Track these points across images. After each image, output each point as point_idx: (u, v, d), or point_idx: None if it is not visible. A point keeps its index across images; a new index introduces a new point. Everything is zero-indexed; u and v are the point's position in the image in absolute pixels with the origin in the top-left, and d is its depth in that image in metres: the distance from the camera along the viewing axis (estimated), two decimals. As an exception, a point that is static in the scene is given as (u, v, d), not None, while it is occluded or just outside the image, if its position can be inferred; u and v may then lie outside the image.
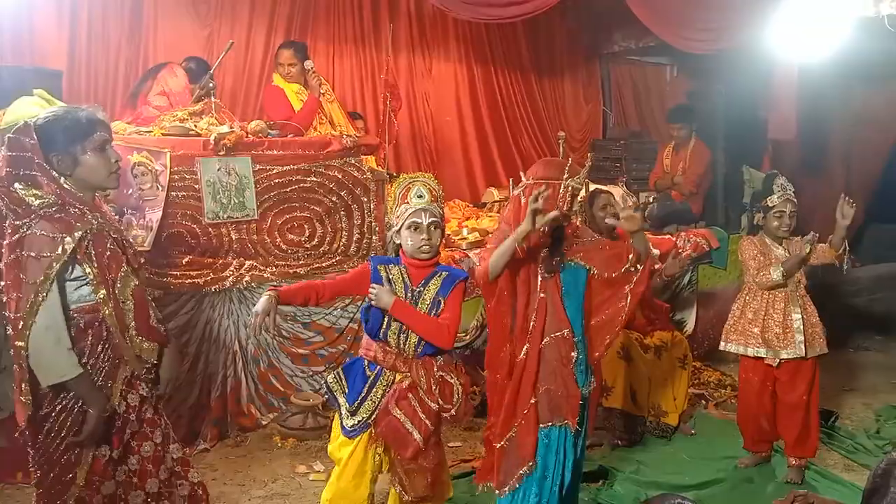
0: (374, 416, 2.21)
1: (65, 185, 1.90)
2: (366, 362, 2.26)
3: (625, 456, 3.40)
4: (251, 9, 4.80)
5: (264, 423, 3.65)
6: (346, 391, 2.25)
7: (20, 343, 1.85)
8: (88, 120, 1.93)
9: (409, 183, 2.28)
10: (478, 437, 3.58)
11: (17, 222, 1.85)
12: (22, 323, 1.82)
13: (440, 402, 2.22)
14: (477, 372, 3.98)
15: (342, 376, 2.28)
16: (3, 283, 1.89)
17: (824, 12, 4.37)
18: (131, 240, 2.16)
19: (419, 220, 2.21)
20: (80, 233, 1.85)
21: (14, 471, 3.05)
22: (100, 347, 1.94)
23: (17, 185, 1.86)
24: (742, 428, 3.37)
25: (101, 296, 1.90)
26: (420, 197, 2.24)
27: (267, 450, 3.49)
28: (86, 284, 1.90)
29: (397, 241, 2.27)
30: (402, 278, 2.24)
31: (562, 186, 2.23)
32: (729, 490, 3.11)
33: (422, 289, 2.23)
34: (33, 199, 1.85)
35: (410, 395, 2.20)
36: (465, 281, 2.29)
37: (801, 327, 3.09)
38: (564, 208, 2.24)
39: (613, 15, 5.57)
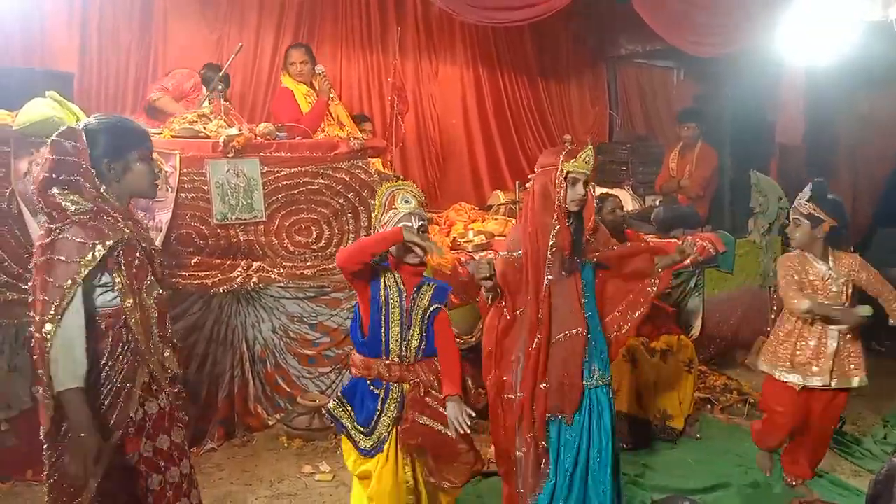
0: (391, 431, 2.23)
1: (104, 193, 1.93)
2: (368, 382, 2.26)
3: (630, 459, 3.39)
4: (259, 13, 4.84)
5: (271, 423, 3.68)
6: (353, 415, 2.26)
7: (45, 345, 1.83)
8: (142, 129, 2.04)
9: (395, 190, 2.30)
10: (481, 440, 3.59)
11: (52, 226, 1.87)
12: (49, 326, 1.82)
13: None
14: (481, 374, 3.99)
15: (345, 401, 2.28)
16: (30, 285, 1.90)
17: (832, 16, 4.37)
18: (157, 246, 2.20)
19: (409, 224, 2.23)
20: (111, 242, 1.87)
21: (24, 468, 3.08)
22: (119, 349, 1.94)
23: (55, 189, 1.88)
24: (757, 439, 3.24)
25: (129, 304, 1.92)
26: (407, 202, 2.26)
27: (273, 450, 3.51)
28: (109, 290, 1.92)
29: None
30: (397, 285, 2.26)
31: (556, 171, 2.31)
32: (734, 494, 3.11)
33: (415, 296, 2.26)
34: (70, 204, 1.86)
35: (428, 399, 2.24)
36: (450, 292, 2.36)
37: (834, 354, 2.85)
38: (560, 193, 2.31)
39: (620, 18, 5.59)
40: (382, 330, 2.22)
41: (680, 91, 6.64)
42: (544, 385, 2.35)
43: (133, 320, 1.93)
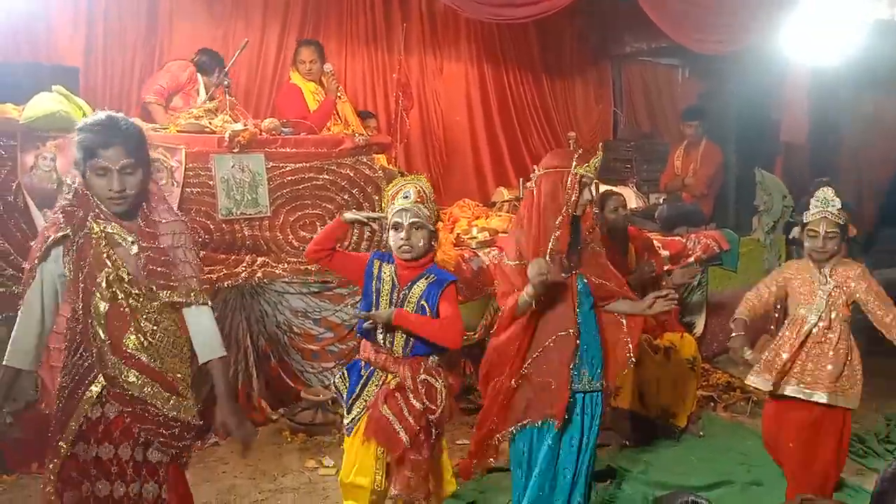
0: (365, 413, 2.26)
1: (87, 191, 1.91)
2: (362, 363, 2.32)
3: (633, 456, 3.40)
4: (265, 9, 4.84)
5: (274, 418, 3.69)
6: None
7: None
8: (86, 144, 1.86)
9: (402, 185, 2.31)
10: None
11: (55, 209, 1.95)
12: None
13: (426, 402, 2.24)
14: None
15: (346, 376, 2.36)
16: None
17: (838, 15, 4.36)
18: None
19: (400, 220, 2.23)
20: (59, 234, 1.86)
21: (29, 461, 3.10)
22: (73, 348, 1.93)
23: (72, 173, 1.99)
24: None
25: (70, 300, 1.91)
26: (406, 197, 2.25)
27: (277, 444, 3.52)
28: None
29: (390, 242, 2.31)
30: (392, 278, 2.27)
31: (569, 175, 2.28)
32: (737, 492, 3.11)
33: (407, 291, 2.26)
34: (68, 190, 1.92)
35: (398, 395, 2.24)
36: (454, 283, 2.30)
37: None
38: (573, 198, 2.28)
39: (625, 16, 5.58)
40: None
41: (685, 89, 6.63)
42: (514, 382, 2.32)
43: (79, 318, 1.89)
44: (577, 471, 2.37)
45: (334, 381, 2.40)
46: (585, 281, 2.40)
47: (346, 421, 2.31)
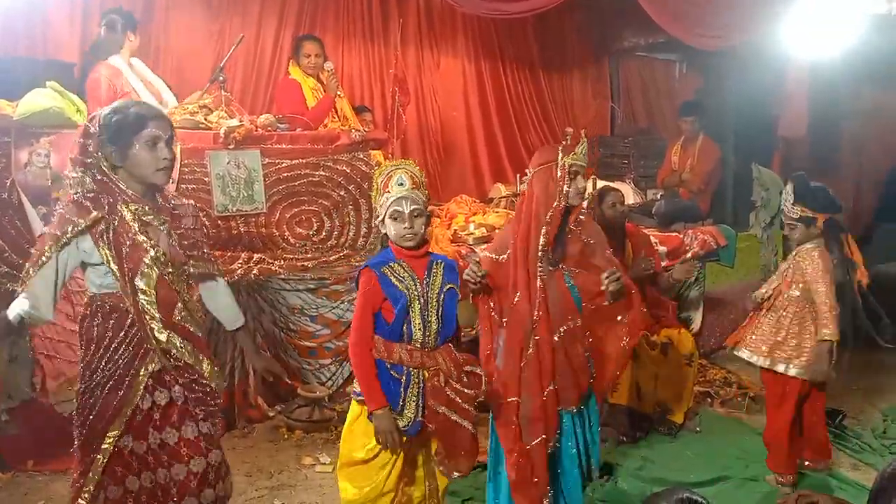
0: (420, 412, 2.20)
1: (112, 176, 1.97)
2: (388, 364, 2.22)
3: (630, 452, 3.41)
4: (261, 3, 4.82)
5: (271, 414, 3.68)
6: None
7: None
8: (139, 115, 1.98)
9: (392, 171, 2.23)
10: (482, 432, 3.58)
11: (59, 203, 1.98)
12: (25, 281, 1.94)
13: (472, 388, 2.23)
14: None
15: None
16: None
17: (836, 9, 4.35)
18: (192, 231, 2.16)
19: (400, 209, 2.18)
20: (88, 221, 1.90)
21: (25, 459, 3.09)
22: (121, 335, 1.97)
23: (78, 168, 1.98)
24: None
25: (119, 285, 1.95)
26: (401, 185, 2.19)
27: (273, 441, 3.52)
28: (111, 273, 1.95)
29: (384, 231, 2.26)
30: (409, 274, 2.21)
31: (558, 167, 2.29)
32: (734, 488, 3.11)
33: (429, 279, 2.22)
34: (76, 184, 1.96)
35: (447, 390, 2.21)
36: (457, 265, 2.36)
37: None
38: (563, 188, 2.28)
39: (623, 11, 5.56)
40: (405, 319, 2.18)
41: (682, 84, 6.62)
42: (553, 386, 2.31)
43: (127, 301, 1.95)
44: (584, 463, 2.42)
45: (356, 391, 2.26)
46: (570, 277, 2.38)
47: (399, 425, 2.19)
